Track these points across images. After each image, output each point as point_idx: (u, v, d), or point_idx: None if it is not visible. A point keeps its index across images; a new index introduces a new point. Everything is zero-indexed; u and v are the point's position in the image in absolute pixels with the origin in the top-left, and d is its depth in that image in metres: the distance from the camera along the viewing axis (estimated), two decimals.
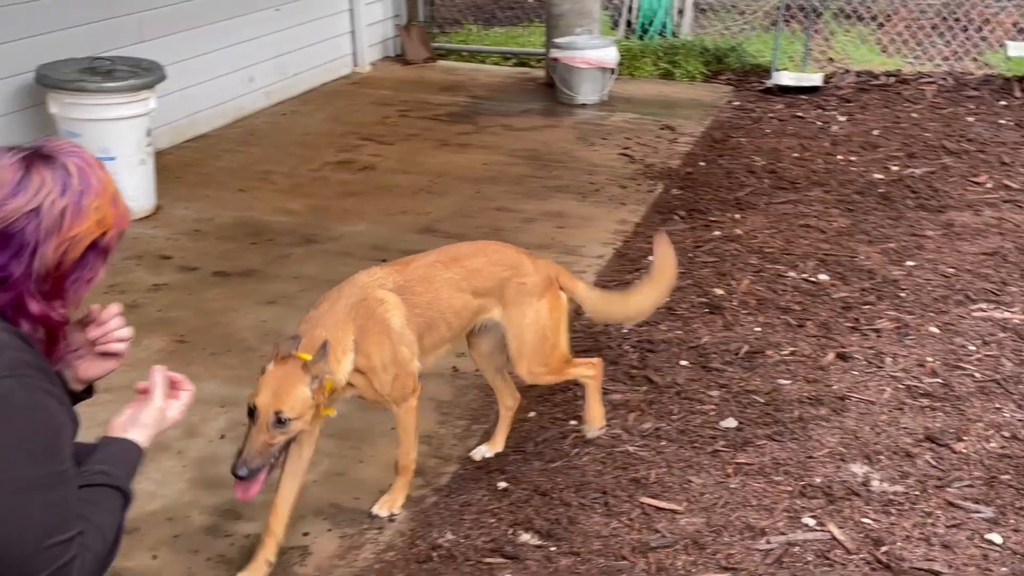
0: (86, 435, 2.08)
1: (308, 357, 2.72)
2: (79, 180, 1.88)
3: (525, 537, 3.06)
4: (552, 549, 3.00)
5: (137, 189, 5.46)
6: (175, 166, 6.30)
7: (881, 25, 9.73)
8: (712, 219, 5.68)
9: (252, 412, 2.68)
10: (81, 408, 2.11)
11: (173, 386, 2.19)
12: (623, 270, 5.02)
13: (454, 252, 3.26)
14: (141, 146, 5.44)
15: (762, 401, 3.76)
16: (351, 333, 2.88)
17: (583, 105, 8.02)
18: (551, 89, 8.30)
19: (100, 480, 1.97)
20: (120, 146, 5.32)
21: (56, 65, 5.37)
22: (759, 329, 4.33)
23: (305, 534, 3.10)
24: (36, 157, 1.88)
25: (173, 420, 2.18)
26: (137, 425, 2.10)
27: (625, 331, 4.34)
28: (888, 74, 8.80)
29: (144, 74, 5.43)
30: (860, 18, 9.84)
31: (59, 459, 1.79)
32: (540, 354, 3.25)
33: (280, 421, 2.66)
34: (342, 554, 3.03)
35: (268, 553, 2.88)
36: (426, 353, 3.12)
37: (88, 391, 2.23)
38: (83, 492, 1.92)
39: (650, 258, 5.07)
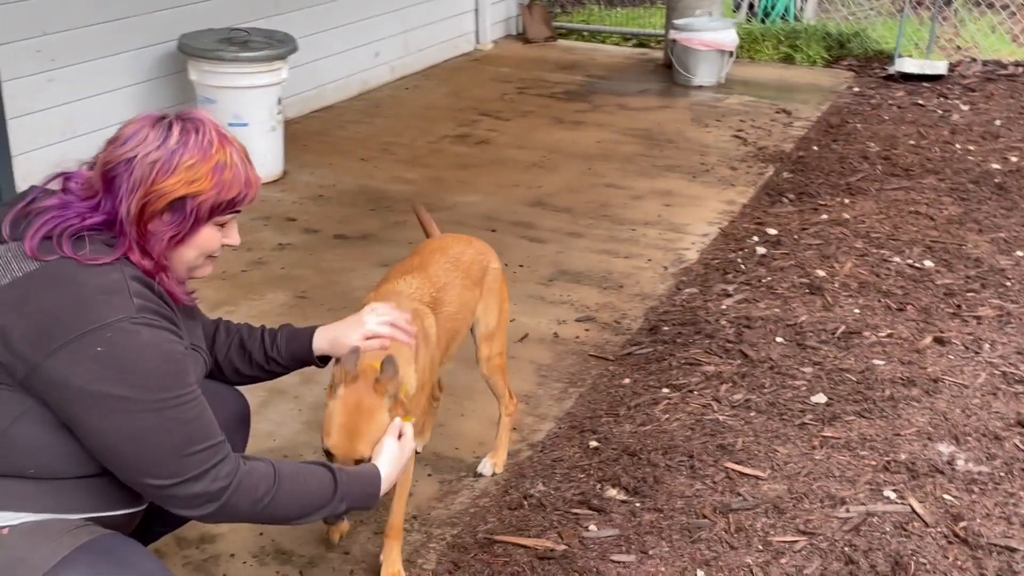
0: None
1: (378, 364, 2.43)
2: (178, 139, 2.01)
3: (612, 492, 3.22)
4: (637, 504, 3.16)
5: (267, 155, 5.78)
6: (302, 135, 6.61)
7: (1013, 14, 9.49)
8: (821, 203, 5.71)
9: (329, 456, 2.39)
10: None
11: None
12: (727, 248, 5.12)
13: (450, 250, 3.08)
14: (272, 114, 5.75)
15: (854, 379, 3.83)
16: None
17: (700, 87, 8.08)
18: (669, 71, 8.37)
19: (331, 468, 2.20)
20: (252, 113, 5.64)
21: (197, 35, 5.71)
22: (858, 311, 4.39)
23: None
24: (158, 119, 2.05)
25: (405, 460, 2.39)
26: (390, 463, 2.32)
27: (724, 307, 4.44)
28: (1017, 64, 8.60)
29: (277, 45, 5.73)
30: (991, 6, 9.61)
31: (186, 384, 2.00)
32: (503, 335, 3.23)
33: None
34: (440, 497, 3.24)
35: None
36: (447, 361, 3.06)
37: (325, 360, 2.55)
38: (308, 464, 2.19)
39: (754, 239, 5.17)
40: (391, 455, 2.34)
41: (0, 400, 1.93)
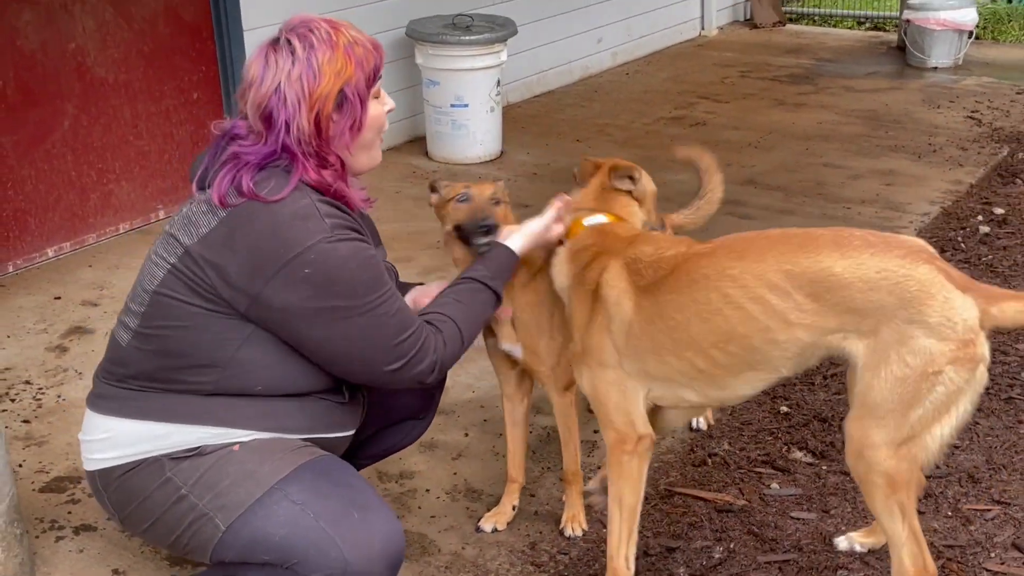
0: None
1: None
2: (302, 47, 2.13)
3: (798, 455, 3.21)
4: (823, 467, 3.13)
5: (486, 134, 6.03)
6: (522, 118, 6.84)
7: None
8: None
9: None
10: None
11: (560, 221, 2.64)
12: (948, 227, 4.92)
13: None
14: (491, 95, 5.98)
15: None
16: None
17: (935, 68, 7.75)
18: (902, 53, 8.08)
19: (477, 276, 2.47)
20: (472, 94, 5.90)
21: (424, 21, 6.03)
22: None
23: (595, 431, 3.42)
24: (271, 45, 2.17)
25: (551, 238, 2.61)
26: (519, 233, 2.58)
27: None
28: None
29: (498, 29, 5.96)
30: None
31: (384, 282, 2.20)
32: None
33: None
34: None
35: (513, 499, 3.01)
36: None
37: None
38: (459, 292, 2.44)
39: (979, 218, 4.92)
40: (524, 230, 2.58)
41: (228, 328, 2.16)
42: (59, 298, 4.41)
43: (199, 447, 2.15)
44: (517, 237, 2.57)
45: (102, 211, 4.94)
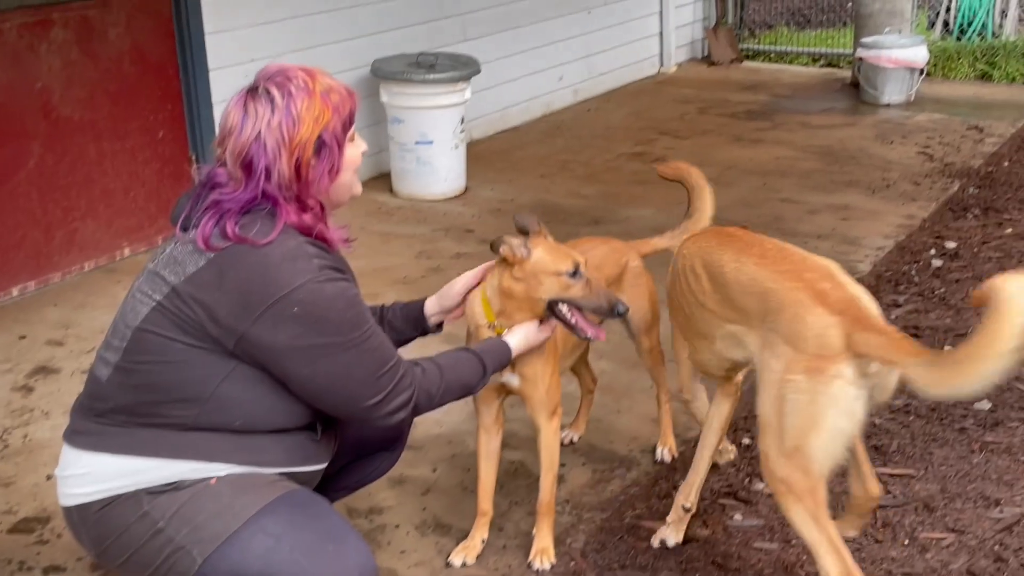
0: None
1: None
2: (281, 95, 2.20)
3: (759, 486, 3.28)
4: None
5: (450, 171, 6.10)
6: (486, 154, 6.93)
7: None
8: (1007, 217, 5.54)
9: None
10: None
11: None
12: (901, 261, 5.05)
13: (579, 247, 3.09)
14: (455, 132, 6.07)
15: (1023, 388, 3.73)
16: None
17: (887, 105, 7.95)
18: (856, 90, 8.27)
19: (471, 349, 2.59)
20: (437, 132, 5.98)
21: (389, 60, 6.11)
22: None
23: (563, 465, 3.45)
24: (249, 93, 2.23)
25: (540, 340, 2.76)
26: (518, 334, 2.70)
27: (892, 317, 4.40)
28: None
29: (461, 68, 6.05)
30: None
31: (367, 320, 2.27)
32: (657, 326, 3.34)
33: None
34: (592, 485, 3.38)
35: (483, 532, 3.05)
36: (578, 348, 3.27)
37: (440, 327, 2.85)
38: (450, 352, 2.55)
39: (931, 251, 5.05)
40: (525, 331, 2.71)
41: (211, 364, 2.20)
42: (24, 337, 4.41)
43: (176, 481, 2.19)
44: (519, 337, 2.70)
45: (67, 250, 4.94)
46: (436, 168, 6.04)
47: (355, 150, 2.35)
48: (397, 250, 5.36)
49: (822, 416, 2.34)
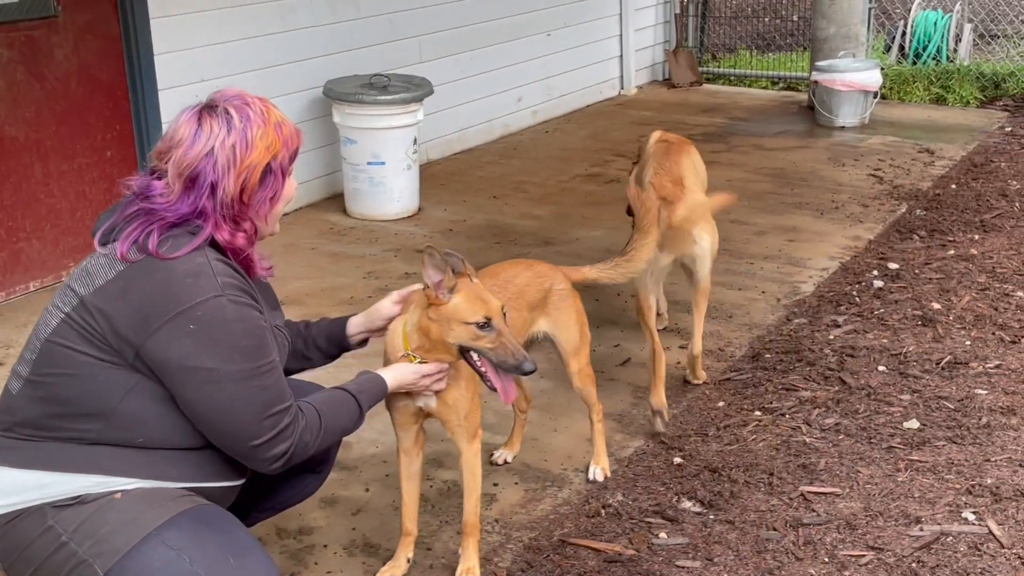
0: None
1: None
2: (239, 118, 2.26)
3: (687, 504, 3.30)
4: (710, 516, 3.23)
5: (402, 192, 6.13)
6: (441, 175, 6.96)
7: None
8: (950, 239, 5.61)
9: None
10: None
11: None
12: (844, 282, 5.10)
13: (501, 274, 3.19)
14: (408, 153, 6.09)
15: (951, 407, 3.78)
16: None
17: (842, 127, 8.04)
18: (812, 112, 8.35)
19: (349, 390, 2.55)
20: (389, 152, 6.00)
21: (342, 81, 6.13)
22: (969, 343, 4.31)
23: (495, 484, 3.50)
24: (205, 110, 2.29)
25: (421, 386, 2.73)
26: (393, 370, 2.69)
27: (831, 337, 4.45)
28: None
29: (414, 89, 6.08)
30: None
31: (266, 353, 2.26)
32: (586, 348, 3.36)
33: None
34: (523, 504, 3.40)
35: (408, 551, 3.06)
36: None
37: (363, 343, 2.89)
38: (330, 393, 2.51)
39: (874, 272, 5.11)
40: (400, 370, 2.70)
41: (114, 378, 2.21)
42: None
43: (81, 495, 2.19)
44: (392, 374, 2.69)
45: (11, 269, 4.93)
46: (389, 188, 6.07)
47: (292, 183, 2.41)
48: (346, 270, 5.38)
49: None
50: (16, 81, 4.81)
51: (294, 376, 2.82)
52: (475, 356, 2.71)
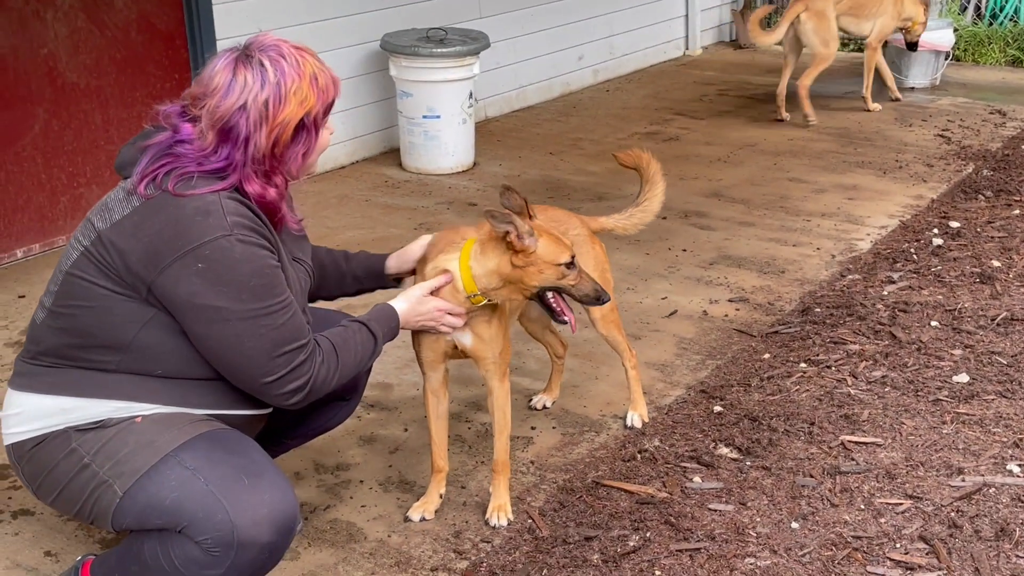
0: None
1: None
2: (274, 72, 2.21)
3: (724, 450, 3.27)
4: (747, 463, 3.19)
5: (457, 146, 6.12)
6: (498, 131, 6.94)
7: None
8: (1016, 199, 5.45)
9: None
10: None
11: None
12: (903, 239, 4.99)
13: None
14: (463, 107, 6.08)
15: (1004, 362, 3.68)
16: None
17: (912, 88, 7.84)
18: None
19: (361, 319, 2.56)
20: (444, 106, 6.00)
21: (399, 34, 6.14)
22: None
23: (532, 428, 3.50)
24: (240, 59, 2.23)
25: (425, 311, 2.70)
26: (405, 297, 2.68)
27: (884, 293, 4.35)
28: None
29: (471, 42, 6.06)
30: None
31: (276, 293, 2.25)
32: (609, 291, 3.20)
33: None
34: (559, 447, 3.39)
35: (440, 487, 3.08)
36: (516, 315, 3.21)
37: (398, 282, 2.92)
38: (343, 326, 2.50)
39: (934, 231, 4.98)
40: (412, 296, 2.68)
41: (131, 311, 2.24)
42: (23, 296, 4.50)
43: (103, 420, 2.23)
44: (402, 301, 2.68)
45: (72, 214, 5.04)
46: (443, 142, 6.07)
47: (327, 134, 2.39)
48: (397, 222, 5.40)
49: None
50: (77, 28, 4.90)
51: (322, 305, 2.85)
52: (550, 294, 2.75)
